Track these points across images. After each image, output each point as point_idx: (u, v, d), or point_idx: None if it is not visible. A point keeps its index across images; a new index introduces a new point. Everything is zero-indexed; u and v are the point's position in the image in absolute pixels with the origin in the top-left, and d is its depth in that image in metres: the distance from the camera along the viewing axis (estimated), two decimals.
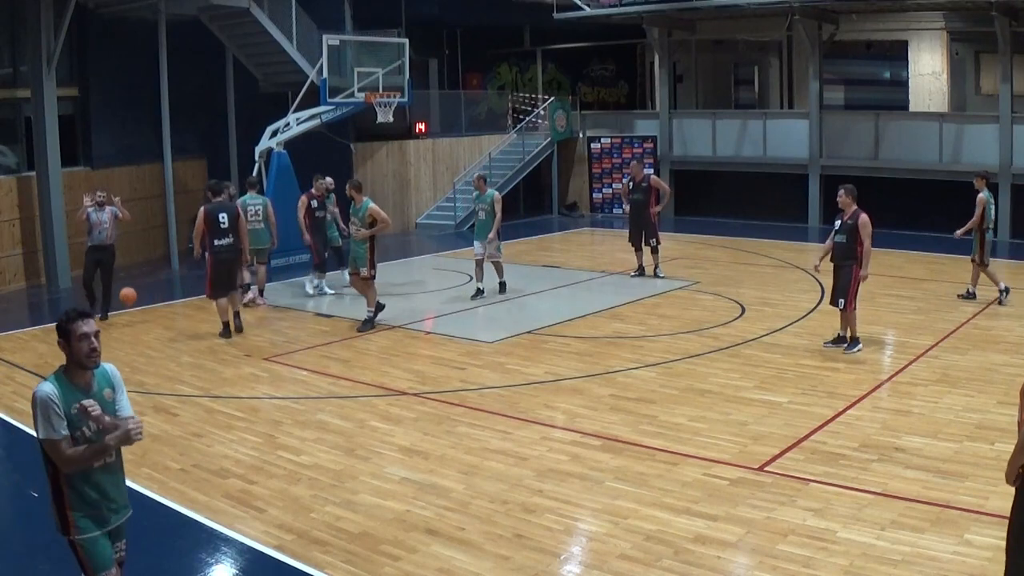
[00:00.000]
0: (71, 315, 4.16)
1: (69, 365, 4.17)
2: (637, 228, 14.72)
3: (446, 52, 24.69)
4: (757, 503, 6.34)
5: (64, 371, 4.17)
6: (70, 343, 4.13)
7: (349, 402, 8.94)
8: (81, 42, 16.98)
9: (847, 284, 9.93)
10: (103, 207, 12.41)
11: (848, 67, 22.31)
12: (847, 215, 10.04)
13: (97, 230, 12.36)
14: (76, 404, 4.05)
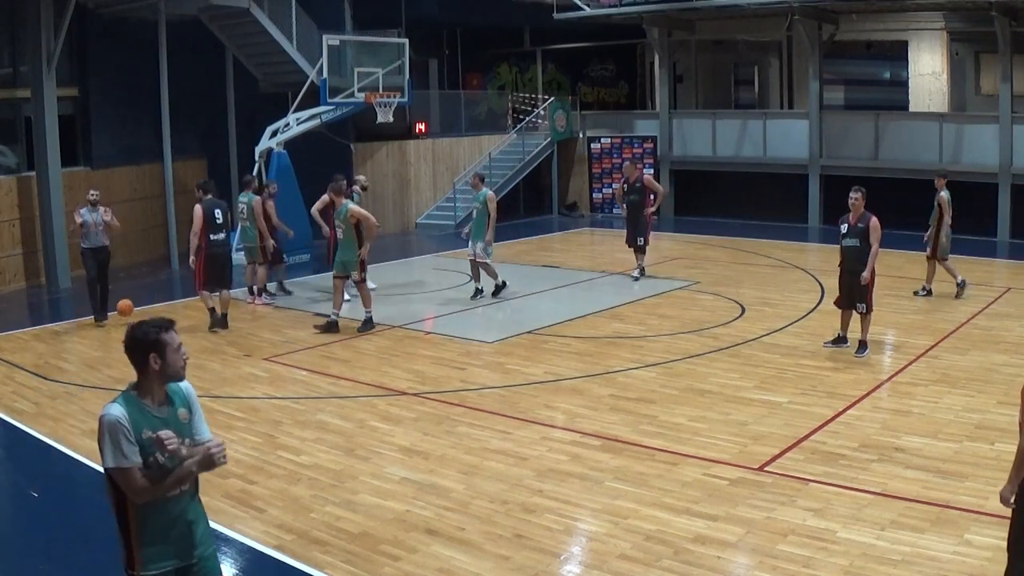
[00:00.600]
0: (163, 325, 3.75)
1: (145, 383, 3.73)
2: (634, 229, 14.64)
3: (446, 52, 24.70)
4: (757, 503, 6.34)
5: (136, 390, 3.73)
6: (165, 356, 3.70)
7: (349, 402, 8.94)
8: (81, 42, 16.98)
9: (865, 289, 9.73)
10: (97, 207, 12.28)
11: (848, 67, 22.31)
12: (856, 218, 9.80)
13: (93, 232, 12.25)
14: (147, 431, 3.64)
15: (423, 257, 18.11)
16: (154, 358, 3.71)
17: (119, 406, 3.65)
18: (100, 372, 10.21)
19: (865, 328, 9.92)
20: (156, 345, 3.71)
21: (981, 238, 17.88)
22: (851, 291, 9.88)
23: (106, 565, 5.85)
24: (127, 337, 3.77)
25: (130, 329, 3.78)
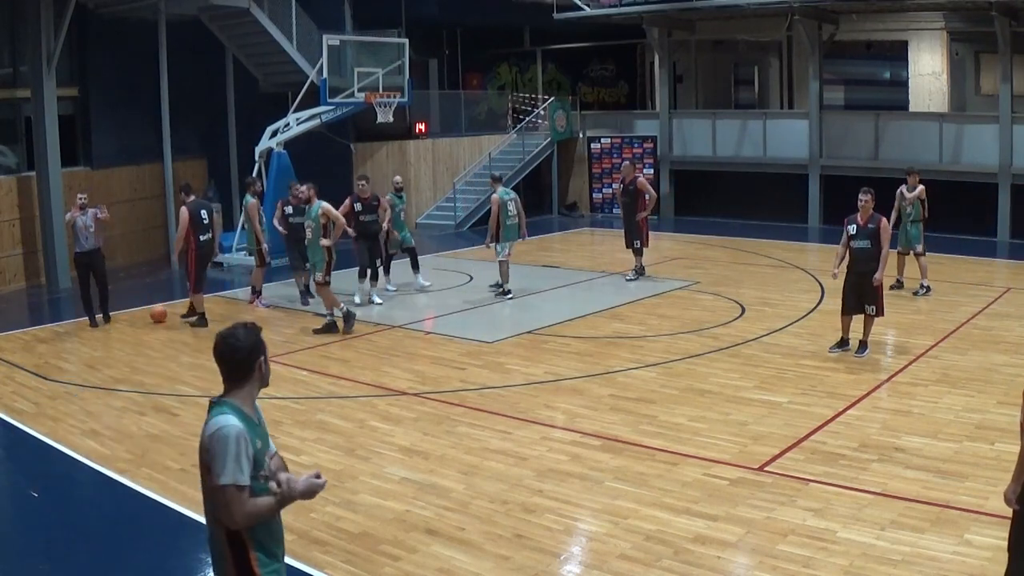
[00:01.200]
0: (257, 328, 3.48)
1: (247, 391, 3.44)
2: (628, 231, 14.61)
3: (446, 52, 24.69)
4: (757, 503, 6.34)
5: (236, 399, 3.42)
6: (266, 360, 3.47)
7: (349, 402, 8.94)
8: (81, 42, 16.98)
9: (875, 289, 9.66)
10: (86, 210, 12.07)
11: (848, 67, 22.30)
12: (865, 220, 9.70)
13: (83, 235, 12.08)
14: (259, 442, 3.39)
15: (423, 257, 18.00)
16: (261, 363, 3.46)
17: (234, 418, 3.33)
18: (100, 372, 10.21)
19: (868, 329, 9.89)
20: (263, 348, 3.47)
21: (981, 238, 17.89)
22: (861, 292, 9.75)
23: (106, 565, 5.86)
24: (235, 342, 3.42)
25: (238, 334, 3.44)
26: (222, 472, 3.26)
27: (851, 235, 9.79)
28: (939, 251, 15.63)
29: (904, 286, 13.12)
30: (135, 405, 8.95)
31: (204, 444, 3.33)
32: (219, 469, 3.26)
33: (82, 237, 12.07)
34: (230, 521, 3.28)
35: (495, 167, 21.96)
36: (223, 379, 3.46)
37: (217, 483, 3.26)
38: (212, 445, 3.29)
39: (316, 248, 11.50)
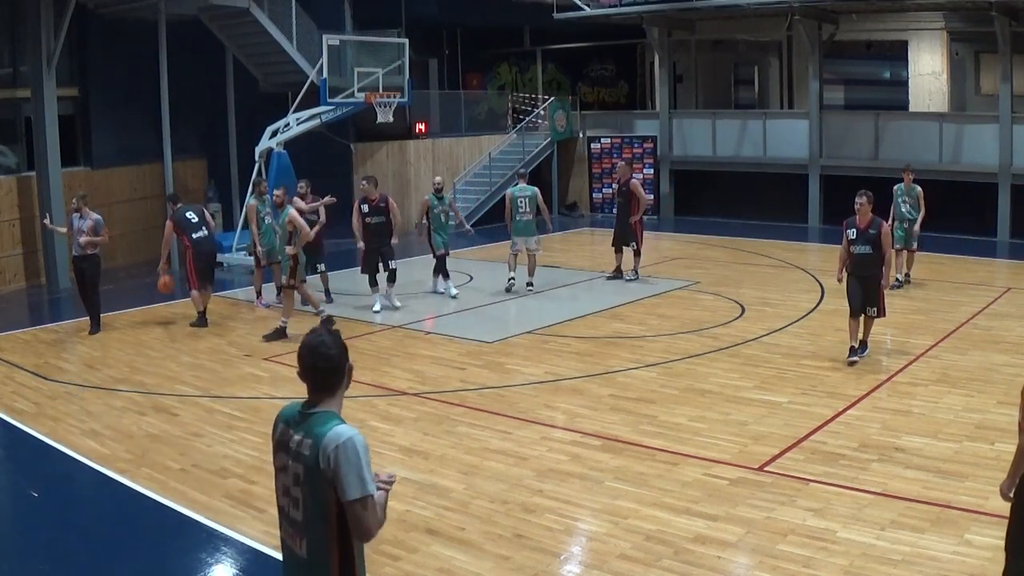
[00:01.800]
0: (338, 329, 3.34)
1: (339, 398, 3.31)
2: (619, 231, 14.58)
3: (446, 52, 24.69)
4: (757, 503, 6.34)
5: (334, 408, 3.28)
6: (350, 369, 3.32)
7: (349, 402, 8.86)
8: (81, 42, 16.98)
9: (877, 293, 9.51)
10: (80, 212, 11.78)
11: (848, 67, 22.30)
12: (866, 224, 9.46)
13: (77, 239, 11.81)
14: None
15: (423, 257, 18.08)
16: (350, 367, 3.31)
17: (351, 427, 3.19)
18: (100, 372, 10.21)
19: (868, 329, 9.80)
20: (346, 356, 3.29)
21: (981, 238, 17.90)
22: (864, 294, 9.51)
23: (106, 565, 5.86)
24: (327, 350, 3.23)
25: (327, 341, 3.24)
26: (357, 484, 3.10)
27: (851, 240, 9.56)
28: (939, 251, 15.66)
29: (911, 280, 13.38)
30: (135, 405, 8.95)
31: (325, 456, 3.12)
32: (353, 482, 3.10)
33: (76, 240, 11.85)
34: (365, 535, 3.17)
35: (495, 167, 22.01)
36: (313, 389, 3.27)
37: (356, 493, 3.10)
38: (341, 455, 3.10)
39: (281, 253, 11.45)
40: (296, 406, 3.33)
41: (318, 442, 3.15)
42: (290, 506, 3.28)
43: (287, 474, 3.29)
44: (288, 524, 3.32)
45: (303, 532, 3.24)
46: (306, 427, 3.22)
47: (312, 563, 3.22)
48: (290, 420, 3.32)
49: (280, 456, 3.36)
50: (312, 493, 3.18)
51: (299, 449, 3.21)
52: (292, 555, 3.31)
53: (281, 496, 3.36)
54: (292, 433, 3.27)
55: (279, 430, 3.38)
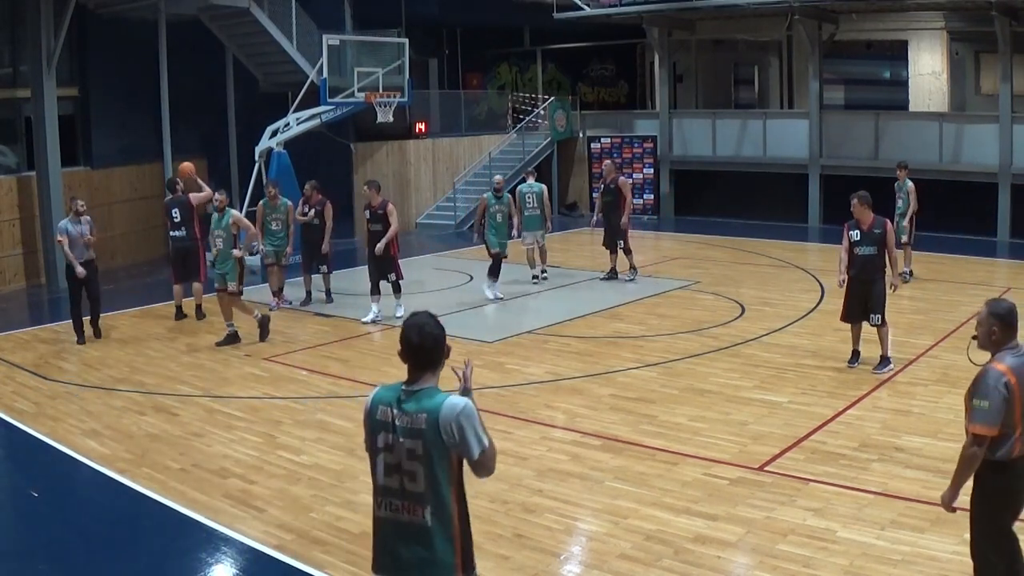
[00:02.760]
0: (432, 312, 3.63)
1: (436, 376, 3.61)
2: (611, 232, 14.56)
3: (446, 52, 24.70)
4: (757, 503, 6.34)
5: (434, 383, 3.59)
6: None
7: (349, 402, 8.94)
8: (81, 42, 16.97)
9: (881, 298, 9.25)
10: (80, 218, 11.30)
11: (848, 67, 22.30)
12: (869, 224, 9.13)
13: (79, 245, 11.24)
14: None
15: (423, 257, 18.10)
16: (449, 349, 3.64)
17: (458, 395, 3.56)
18: (100, 372, 10.21)
19: (885, 340, 9.38)
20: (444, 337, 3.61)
21: (981, 238, 17.89)
22: (865, 300, 9.25)
23: (106, 565, 5.86)
24: (432, 330, 3.54)
25: (430, 322, 3.57)
26: (482, 439, 3.46)
27: (854, 241, 9.20)
28: (939, 251, 15.66)
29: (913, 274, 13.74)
30: (135, 405, 8.95)
31: (446, 426, 3.44)
32: (479, 438, 3.46)
33: (76, 247, 11.23)
34: (489, 474, 3.55)
35: (495, 167, 21.97)
36: (416, 367, 3.54)
37: (479, 451, 3.45)
38: (463, 422, 3.43)
39: (227, 258, 10.94)
40: (394, 387, 3.57)
41: (435, 415, 3.45)
42: (404, 480, 3.54)
43: (396, 451, 3.55)
44: (403, 498, 3.55)
45: (424, 501, 3.51)
46: (416, 404, 3.49)
47: (437, 527, 3.50)
48: (392, 400, 3.56)
49: (383, 436, 3.60)
50: (433, 463, 3.47)
51: (412, 425, 3.49)
52: (411, 525, 3.54)
53: (386, 475, 3.62)
54: (398, 412, 3.53)
55: (379, 411, 3.60)
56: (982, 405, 4.36)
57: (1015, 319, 4.53)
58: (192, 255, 12.54)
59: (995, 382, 4.36)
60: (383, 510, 3.66)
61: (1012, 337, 4.53)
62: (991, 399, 4.33)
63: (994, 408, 4.32)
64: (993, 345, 4.56)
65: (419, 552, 3.54)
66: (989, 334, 4.55)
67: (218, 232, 11.07)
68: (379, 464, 3.67)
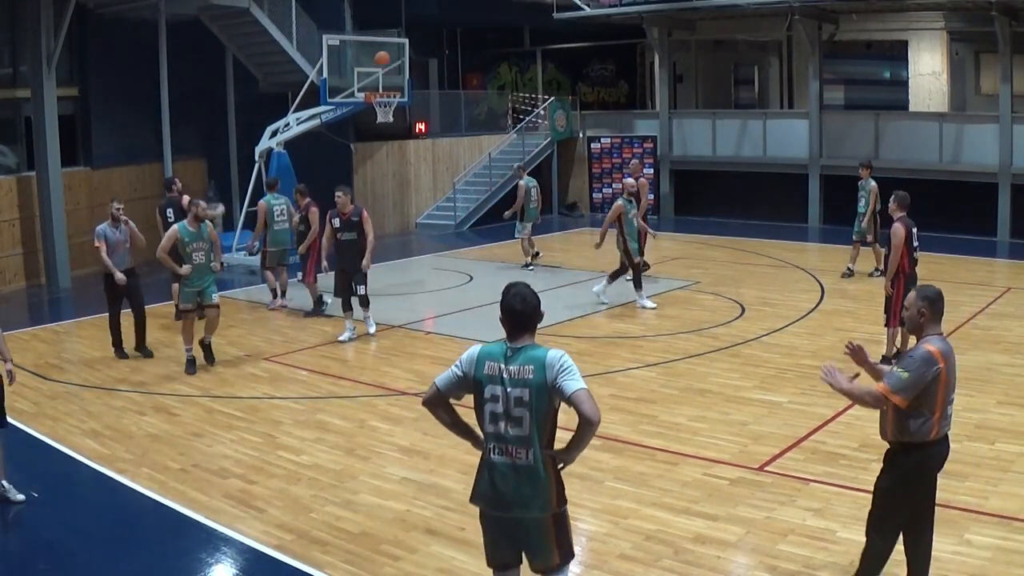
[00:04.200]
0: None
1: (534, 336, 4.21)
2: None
3: (446, 52, 24.69)
4: (757, 503, 6.34)
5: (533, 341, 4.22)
6: None
7: (349, 402, 8.94)
8: (81, 42, 16.97)
9: (889, 300, 9.29)
10: (119, 223, 10.57)
11: (848, 67, 22.31)
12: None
13: (120, 252, 10.53)
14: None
15: (423, 257, 18.12)
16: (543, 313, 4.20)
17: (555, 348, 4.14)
18: (100, 372, 10.21)
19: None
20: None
21: (981, 238, 17.90)
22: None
23: (106, 565, 5.86)
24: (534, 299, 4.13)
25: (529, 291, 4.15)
26: (578, 380, 4.05)
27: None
28: (939, 251, 15.65)
29: (854, 274, 14.25)
30: (135, 405, 8.95)
31: (551, 370, 4.03)
32: (578, 379, 4.05)
33: (117, 254, 10.50)
34: (593, 415, 4.01)
35: (495, 167, 22.01)
36: (517, 329, 4.13)
37: (578, 387, 4.02)
38: (565, 364, 4.04)
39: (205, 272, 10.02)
40: (497, 345, 4.17)
41: (541, 363, 4.06)
42: (510, 426, 4.11)
43: (502, 401, 4.12)
44: (509, 442, 4.12)
45: (528, 443, 4.10)
46: (522, 358, 4.08)
47: (537, 466, 4.09)
48: (499, 356, 4.13)
49: (491, 388, 4.15)
50: (538, 407, 4.08)
51: (520, 376, 4.07)
52: (515, 466, 4.12)
53: (492, 423, 4.18)
54: (506, 365, 4.10)
55: (486, 367, 4.15)
56: (902, 375, 4.55)
57: (942, 304, 4.76)
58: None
59: (923, 363, 4.55)
60: (490, 454, 4.19)
61: (938, 322, 4.76)
62: (912, 373, 4.52)
63: (911, 382, 4.52)
64: (920, 328, 4.75)
65: (523, 488, 4.08)
66: (918, 316, 4.75)
67: (198, 244, 9.92)
68: (486, 413, 4.20)
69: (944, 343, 4.71)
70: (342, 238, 11.05)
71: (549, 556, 4.15)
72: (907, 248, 9.16)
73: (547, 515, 4.11)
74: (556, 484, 4.14)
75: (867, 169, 14.36)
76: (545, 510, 4.10)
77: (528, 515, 4.11)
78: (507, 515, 4.14)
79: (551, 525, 4.13)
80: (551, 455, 4.15)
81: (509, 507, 4.12)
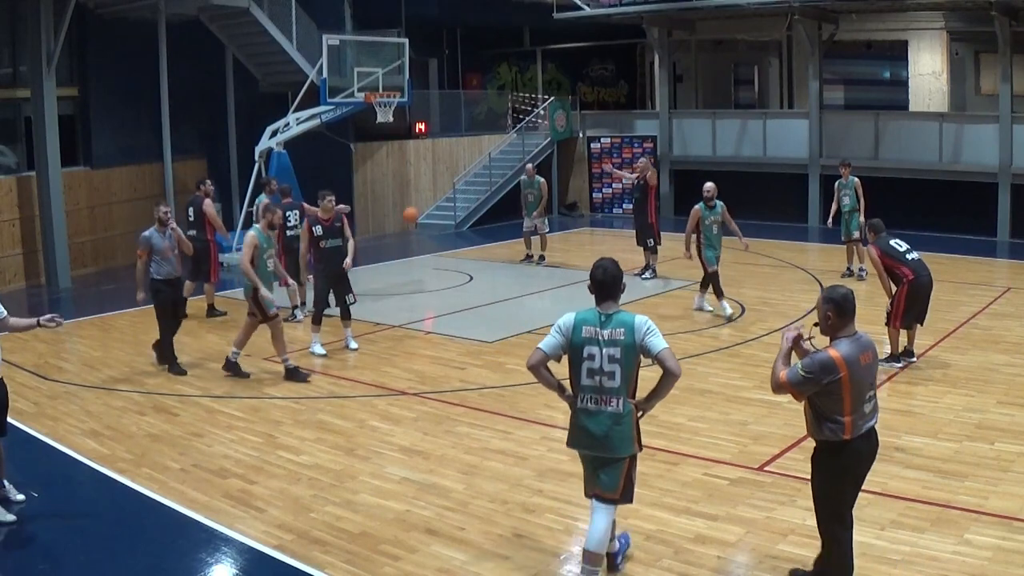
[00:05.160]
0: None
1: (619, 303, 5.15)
2: (636, 228, 14.79)
3: (446, 52, 24.69)
4: (757, 503, 6.35)
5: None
6: None
7: (349, 402, 8.94)
8: (81, 42, 16.98)
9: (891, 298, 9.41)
10: (165, 227, 9.88)
11: (848, 67, 22.31)
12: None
13: (169, 258, 9.83)
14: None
15: (423, 257, 18.12)
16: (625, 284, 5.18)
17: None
18: (100, 372, 10.21)
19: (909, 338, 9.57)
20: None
21: (981, 238, 17.90)
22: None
23: (106, 565, 5.86)
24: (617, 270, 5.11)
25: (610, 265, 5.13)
26: (663, 341, 4.95)
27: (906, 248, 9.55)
28: (939, 251, 15.64)
29: (853, 274, 14.16)
30: (135, 405, 8.95)
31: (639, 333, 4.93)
32: (662, 340, 4.95)
33: (165, 261, 9.82)
34: (676, 370, 4.94)
35: (495, 167, 22.03)
36: (604, 297, 5.08)
37: (662, 346, 4.91)
38: (652, 327, 4.96)
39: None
40: (591, 312, 5.09)
41: (631, 326, 4.95)
42: (604, 379, 4.97)
43: (598, 358, 4.99)
44: (603, 393, 5.00)
45: (618, 393, 4.99)
46: (614, 322, 4.99)
47: (624, 412, 5.01)
48: (595, 322, 5.04)
49: (587, 348, 5.02)
50: (627, 364, 4.96)
51: (613, 337, 4.96)
52: (606, 412, 5.02)
53: (588, 377, 5.02)
54: (600, 329, 5.00)
55: (583, 331, 5.05)
56: (800, 372, 4.66)
57: (850, 305, 4.68)
58: (204, 255, 12.04)
59: (822, 369, 4.59)
60: (586, 403, 5.06)
61: (848, 323, 4.70)
62: (809, 375, 4.61)
63: (805, 384, 4.64)
64: (830, 330, 4.74)
65: (612, 431, 4.99)
66: (825, 319, 4.74)
67: (270, 251, 9.82)
68: (583, 369, 5.03)
69: (852, 346, 4.66)
70: (327, 246, 10.51)
71: (615, 488, 5.06)
72: (896, 261, 9.35)
73: (627, 456, 5.05)
74: (636, 429, 5.07)
75: (848, 167, 14.52)
76: (628, 451, 5.05)
77: (614, 455, 5.03)
78: (598, 454, 5.06)
79: (626, 464, 5.07)
80: (635, 404, 5.02)
81: (600, 447, 5.04)
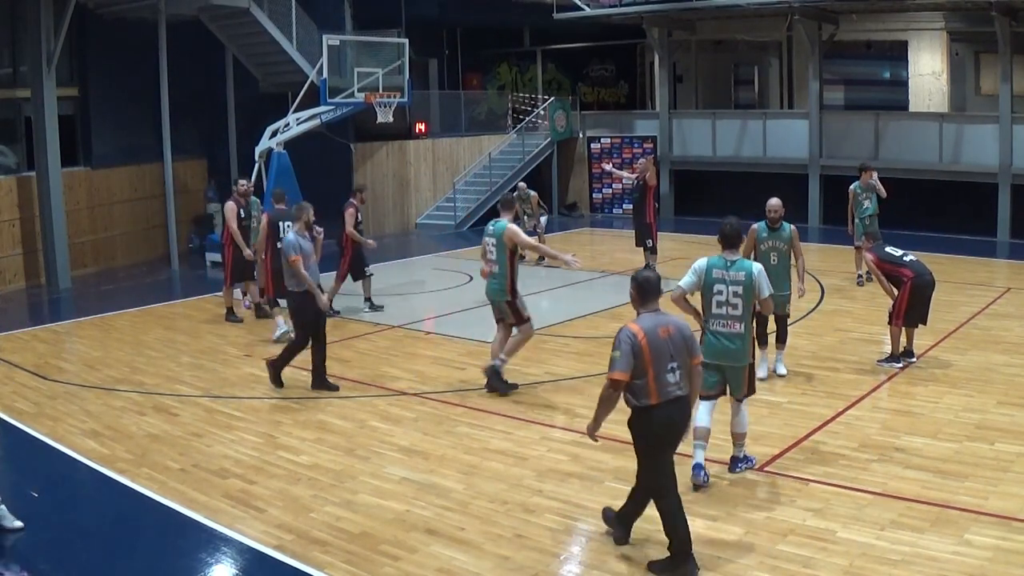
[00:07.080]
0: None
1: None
2: (635, 228, 14.77)
3: (446, 52, 24.68)
4: (757, 503, 6.35)
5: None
6: None
7: (349, 402, 8.94)
8: (81, 42, 16.98)
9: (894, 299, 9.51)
10: (309, 231, 9.26)
11: (848, 67, 22.29)
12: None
13: (309, 267, 8.99)
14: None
15: (423, 257, 18.12)
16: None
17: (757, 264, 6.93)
18: (100, 372, 10.21)
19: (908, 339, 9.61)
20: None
21: (981, 238, 17.89)
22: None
23: (106, 565, 5.86)
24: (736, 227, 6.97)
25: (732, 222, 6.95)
26: (769, 287, 6.78)
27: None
28: (939, 251, 15.65)
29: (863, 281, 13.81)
30: (135, 405, 8.95)
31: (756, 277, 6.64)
32: (768, 286, 6.74)
33: (308, 269, 8.96)
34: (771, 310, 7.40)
35: (495, 167, 22.02)
36: (728, 247, 6.78)
37: (769, 292, 6.76)
38: (764, 275, 6.73)
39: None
40: (718, 259, 6.72)
41: (749, 272, 6.66)
42: (729, 309, 6.65)
43: (725, 293, 6.64)
44: (729, 319, 6.66)
45: (740, 319, 6.66)
46: (737, 267, 6.69)
47: (745, 334, 6.69)
48: (722, 266, 6.69)
49: (717, 286, 6.65)
50: (746, 297, 6.63)
51: (736, 278, 6.63)
52: (731, 334, 6.68)
53: (718, 307, 6.67)
54: (727, 271, 6.66)
55: (714, 272, 6.67)
56: (615, 355, 5.33)
57: (650, 286, 5.48)
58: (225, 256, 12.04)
59: (625, 338, 5.32)
60: (716, 326, 6.68)
61: (650, 301, 5.49)
62: (621, 350, 5.30)
63: (623, 357, 5.28)
64: (636, 306, 5.56)
65: (735, 345, 6.69)
66: (631, 298, 5.57)
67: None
68: (713, 302, 6.67)
69: (650, 319, 5.41)
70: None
71: (742, 389, 6.80)
72: (894, 264, 9.52)
73: (746, 364, 6.75)
74: (751, 345, 6.83)
75: (871, 172, 14.14)
76: (746, 360, 6.74)
77: (737, 364, 6.70)
78: (723, 364, 6.67)
79: (746, 371, 6.78)
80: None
81: (726, 358, 6.67)
